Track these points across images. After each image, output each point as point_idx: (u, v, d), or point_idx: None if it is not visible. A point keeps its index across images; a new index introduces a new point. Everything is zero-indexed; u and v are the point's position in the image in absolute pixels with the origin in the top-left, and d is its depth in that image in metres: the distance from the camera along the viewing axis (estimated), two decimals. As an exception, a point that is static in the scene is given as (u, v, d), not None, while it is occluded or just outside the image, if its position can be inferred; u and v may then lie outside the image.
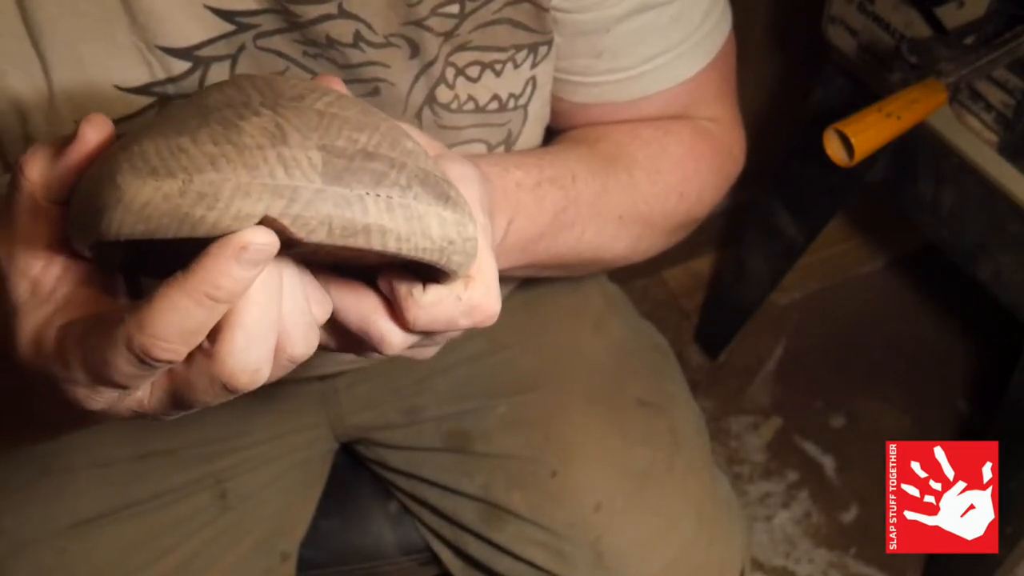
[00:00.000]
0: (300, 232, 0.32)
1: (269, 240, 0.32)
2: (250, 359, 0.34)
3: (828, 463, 1.40)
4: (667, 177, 0.65)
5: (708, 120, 0.68)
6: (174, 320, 0.32)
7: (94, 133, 0.36)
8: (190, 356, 0.35)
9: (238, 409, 0.79)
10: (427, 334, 0.41)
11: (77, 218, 0.35)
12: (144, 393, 0.37)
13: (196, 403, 0.36)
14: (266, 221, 0.32)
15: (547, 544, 0.75)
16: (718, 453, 0.90)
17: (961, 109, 0.90)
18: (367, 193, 0.33)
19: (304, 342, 0.37)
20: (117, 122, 0.38)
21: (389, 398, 0.81)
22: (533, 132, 0.64)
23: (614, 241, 0.64)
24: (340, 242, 0.33)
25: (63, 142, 0.37)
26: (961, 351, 1.52)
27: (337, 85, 0.39)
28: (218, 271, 0.32)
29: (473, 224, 0.38)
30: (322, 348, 0.42)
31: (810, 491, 1.37)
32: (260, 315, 0.34)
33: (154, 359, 0.33)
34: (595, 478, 0.76)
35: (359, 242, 0.33)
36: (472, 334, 0.82)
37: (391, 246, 0.34)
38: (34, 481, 0.73)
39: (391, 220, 0.34)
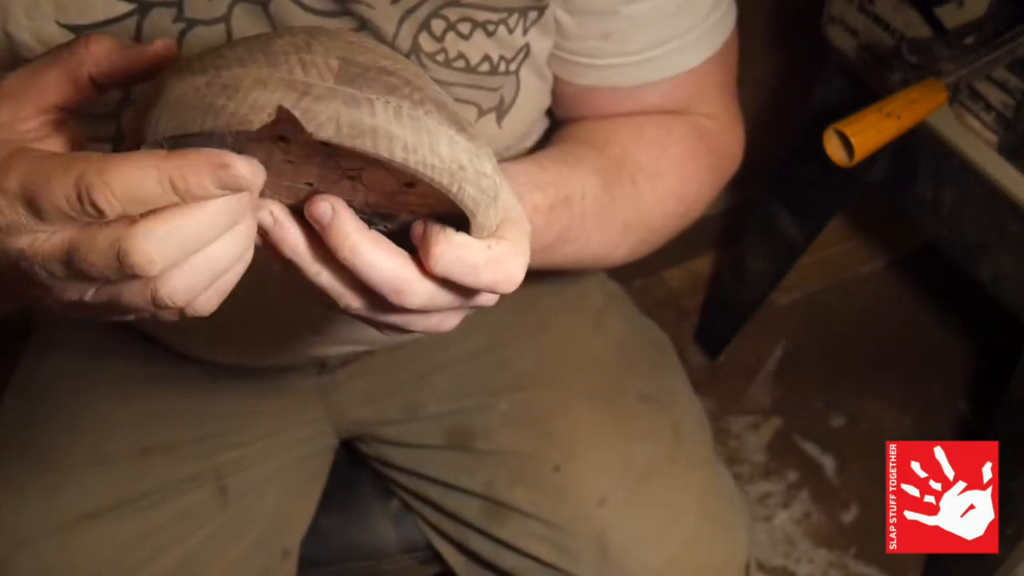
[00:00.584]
0: (310, 126, 0.34)
1: (250, 173, 0.34)
2: (158, 249, 0.35)
3: (828, 463, 1.40)
4: (667, 180, 0.65)
5: (707, 117, 0.68)
6: (131, 178, 0.34)
7: (161, 46, 0.40)
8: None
9: (238, 404, 0.79)
10: (449, 288, 0.41)
11: (134, 131, 0.37)
12: (43, 234, 0.36)
13: (81, 267, 0.36)
14: (280, 113, 0.34)
15: (551, 539, 0.76)
16: (718, 453, 0.90)
17: (961, 109, 0.90)
18: (377, 98, 0.35)
19: (194, 286, 0.37)
20: (95, 26, 0.42)
21: (389, 394, 0.81)
22: (529, 107, 0.64)
23: (616, 248, 0.65)
24: (348, 142, 0.35)
25: (129, 44, 0.41)
26: (961, 351, 1.52)
27: None
28: (193, 166, 0.34)
29: (491, 163, 0.38)
30: (345, 312, 0.42)
31: (810, 491, 1.37)
32: (198, 229, 0.35)
33: (91, 201, 0.34)
34: (598, 473, 0.76)
35: (366, 145, 0.35)
36: (472, 331, 0.83)
37: (398, 154, 0.35)
38: (35, 477, 0.73)
39: (398, 127, 0.35)
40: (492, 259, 0.40)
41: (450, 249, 0.39)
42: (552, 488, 0.76)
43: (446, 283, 0.40)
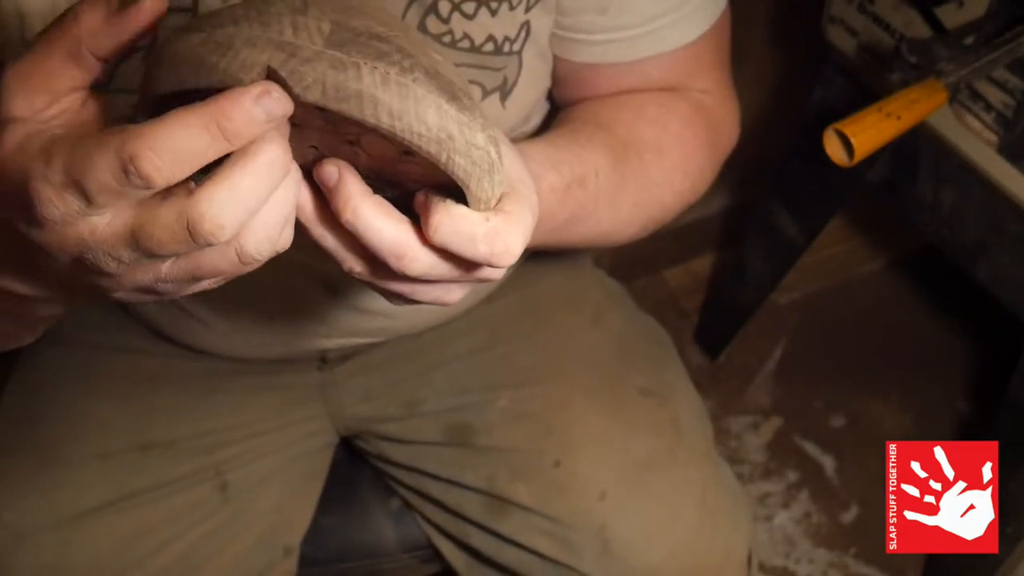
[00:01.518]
0: (296, 87, 0.35)
1: (285, 97, 0.34)
2: (225, 213, 0.35)
3: (828, 463, 1.40)
4: (671, 157, 0.66)
5: (703, 93, 0.69)
6: (176, 136, 0.33)
7: (149, 4, 0.39)
8: (168, 192, 0.35)
9: (239, 400, 0.79)
10: (448, 258, 0.41)
11: (142, 90, 0.38)
12: (103, 220, 0.36)
13: (151, 245, 0.36)
14: (269, 74, 0.35)
15: (553, 533, 0.76)
16: (718, 453, 0.91)
17: (961, 109, 0.90)
18: (364, 63, 0.35)
19: (273, 235, 0.37)
20: None
21: (389, 390, 0.81)
22: (531, 87, 0.65)
23: (627, 226, 0.66)
24: (335, 106, 0.35)
25: (119, 5, 0.39)
26: (961, 351, 1.52)
27: None
28: (236, 103, 0.34)
29: (485, 134, 0.38)
30: (348, 272, 0.42)
31: (810, 491, 1.37)
32: (253, 183, 0.35)
33: (138, 169, 0.33)
34: (598, 467, 0.76)
35: (352, 109, 0.35)
36: (472, 327, 0.83)
37: (384, 120, 0.36)
38: (35, 473, 0.73)
39: (384, 92, 0.35)
40: (490, 231, 0.40)
41: (447, 219, 0.39)
42: (553, 483, 0.76)
43: (445, 253, 0.41)
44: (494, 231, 0.40)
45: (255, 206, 0.35)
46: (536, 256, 0.81)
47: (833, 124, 0.72)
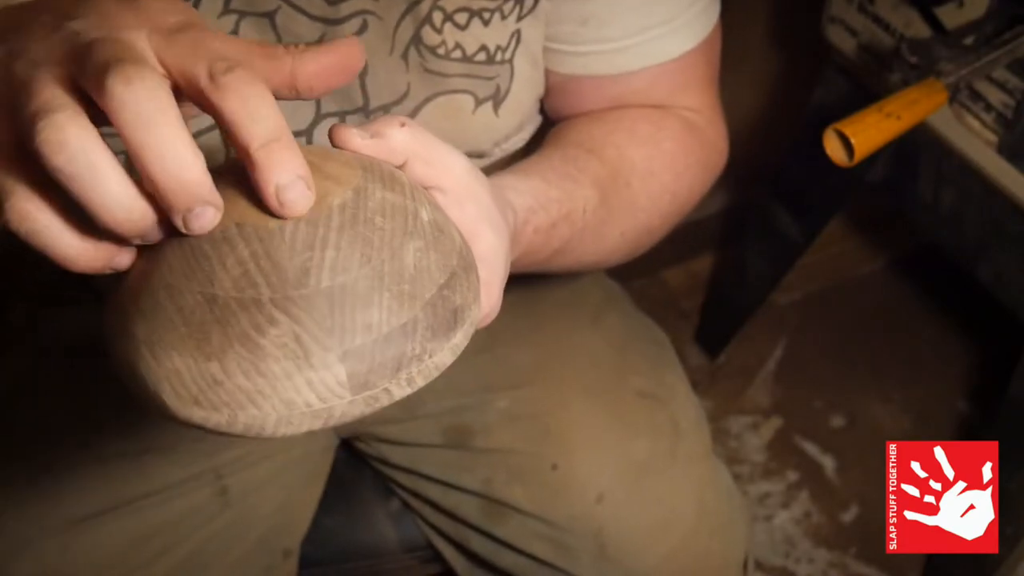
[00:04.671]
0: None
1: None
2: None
3: (828, 463, 1.40)
4: (660, 178, 0.65)
5: (691, 111, 0.69)
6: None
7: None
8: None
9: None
10: None
11: (121, 371, 0.37)
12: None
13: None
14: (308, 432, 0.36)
15: (549, 537, 0.75)
16: (718, 453, 0.90)
17: (961, 109, 0.90)
18: (391, 383, 0.37)
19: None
20: None
21: (388, 392, 0.81)
22: (524, 95, 0.64)
23: (612, 254, 0.66)
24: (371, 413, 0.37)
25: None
26: (961, 351, 1.52)
27: (339, 134, 0.41)
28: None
29: (478, 305, 0.41)
30: None
31: (810, 491, 1.37)
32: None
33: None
34: (596, 470, 0.76)
35: (387, 405, 0.37)
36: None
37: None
38: (35, 478, 0.73)
39: (413, 388, 0.38)
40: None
41: None
42: (550, 486, 0.76)
43: None
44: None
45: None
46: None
47: (833, 124, 0.72)
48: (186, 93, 0.35)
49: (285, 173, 0.34)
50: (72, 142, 0.32)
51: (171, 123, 0.32)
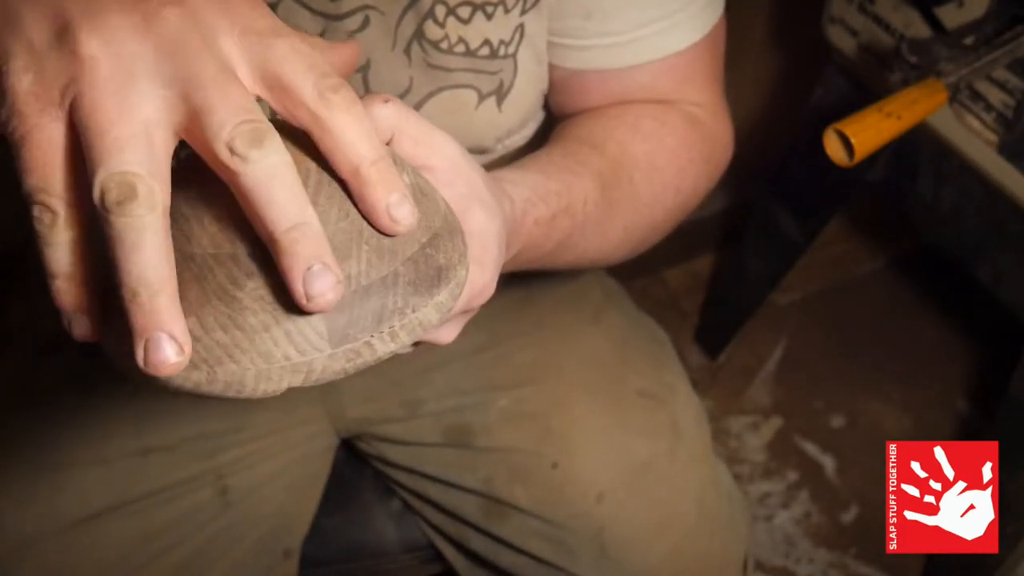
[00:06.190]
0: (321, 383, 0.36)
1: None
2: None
3: (828, 463, 1.40)
4: (664, 173, 0.65)
5: (696, 106, 0.68)
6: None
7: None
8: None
9: (238, 403, 0.79)
10: None
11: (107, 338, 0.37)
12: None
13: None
14: (289, 389, 0.35)
15: (550, 536, 0.75)
16: (718, 453, 0.90)
17: (961, 109, 0.90)
18: (372, 336, 0.36)
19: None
20: None
21: (388, 391, 0.81)
22: (528, 90, 0.64)
23: (616, 250, 0.65)
24: (355, 372, 0.36)
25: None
26: (961, 351, 1.52)
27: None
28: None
29: (465, 268, 0.40)
30: None
31: (810, 491, 1.38)
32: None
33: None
34: (596, 470, 0.76)
35: (372, 363, 0.37)
36: (471, 327, 0.83)
37: (401, 351, 0.37)
38: (36, 478, 0.73)
39: (397, 344, 0.36)
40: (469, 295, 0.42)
41: None
42: (550, 485, 0.76)
43: None
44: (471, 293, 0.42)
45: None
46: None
47: (833, 124, 0.72)
48: (273, 97, 0.36)
49: (395, 192, 0.36)
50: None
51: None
